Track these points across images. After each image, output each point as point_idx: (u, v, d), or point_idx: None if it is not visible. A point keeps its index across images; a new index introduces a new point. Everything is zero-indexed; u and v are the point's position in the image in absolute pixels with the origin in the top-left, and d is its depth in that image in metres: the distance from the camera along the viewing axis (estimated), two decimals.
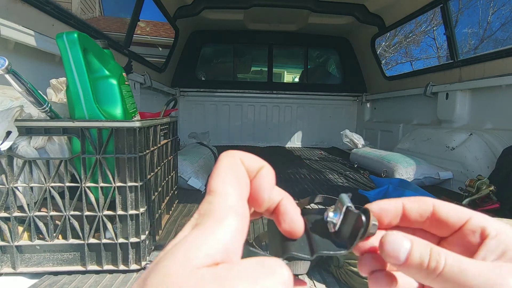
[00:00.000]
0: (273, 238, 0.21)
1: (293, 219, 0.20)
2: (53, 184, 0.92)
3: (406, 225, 0.22)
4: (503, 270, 0.16)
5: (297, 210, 0.20)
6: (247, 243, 0.17)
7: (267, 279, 0.14)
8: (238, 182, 0.17)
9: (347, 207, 0.20)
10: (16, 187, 0.91)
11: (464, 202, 1.61)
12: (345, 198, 0.20)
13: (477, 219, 0.19)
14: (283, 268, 0.15)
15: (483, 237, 0.19)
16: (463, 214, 0.20)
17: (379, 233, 0.20)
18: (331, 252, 0.19)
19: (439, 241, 0.21)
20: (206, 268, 0.13)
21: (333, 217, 0.20)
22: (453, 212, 0.20)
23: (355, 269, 0.91)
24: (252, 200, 0.18)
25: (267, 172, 0.18)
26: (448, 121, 2.50)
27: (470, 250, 0.19)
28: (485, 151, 1.98)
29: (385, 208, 0.21)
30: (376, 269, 0.21)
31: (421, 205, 0.21)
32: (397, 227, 0.22)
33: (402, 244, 0.18)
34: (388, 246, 0.18)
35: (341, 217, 0.20)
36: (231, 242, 0.15)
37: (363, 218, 0.19)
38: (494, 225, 0.19)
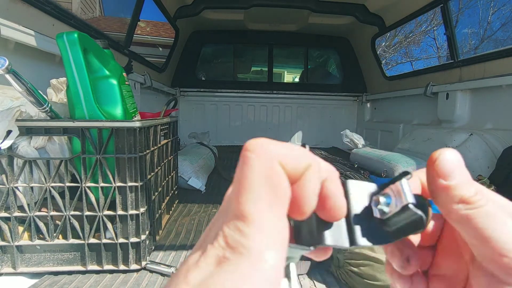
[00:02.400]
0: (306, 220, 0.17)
1: (336, 205, 0.16)
2: (53, 184, 0.92)
3: None
4: None
5: (341, 192, 0.16)
6: None
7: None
8: (278, 199, 0.13)
9: (408, 205, 0.17)
10: (16, 187, 0.91)
11: None
12: (406, 187, 0.16)
13: None
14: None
15: None
16: None
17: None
18: (370, 245, 0.17)
19: None
20: None
21: (385, 204, 0.17)
22: None
23: (355, 269, 0.91)
24: (292, 211, 0.14)
25: (312, 176, 0.14)
26: (448, 121, 2.50)
27: None
28: (485, 151, 1.98)
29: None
30: (419, 268, 0.19)
31: None
32: None
33: (458, 165, 0.16)
34: (445, 163, 0.16)
35: (397, 210, 0.17)
36: None
37: (424, 221, 0.16)
38: None
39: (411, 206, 0.16)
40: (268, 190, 0.13)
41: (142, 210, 0.99)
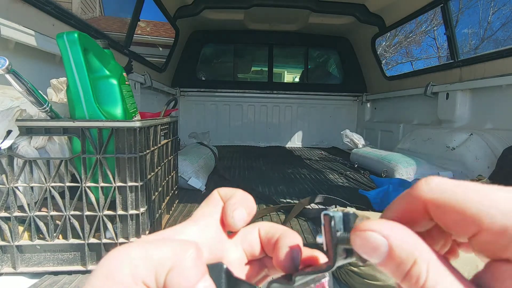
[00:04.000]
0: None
1: (278, 254, 0.18)
2: (53, 184, 0.92)
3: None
4: None
5: (289, 246, 0.19)
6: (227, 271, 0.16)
7: (160, 247, 0.15)
8: (207, 205, 0.20)
9: (324, 214, 0.16)
10: (16, 187, 0.91)
11: None
12: (328, 211, 0.16)
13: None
14: (188, 246, 0.15)
15: None
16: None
17: None
18: (308, 277, 0.17)
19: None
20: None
21: (319, 237, 0.17)
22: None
23: (355, 269, 0.91)
24: (223, 218, 0.20)
25: (237, 194, 0.20)
26: (448, 121, 2.50)
27: None
28: (485, 151, 1.98)
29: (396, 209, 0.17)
30: None
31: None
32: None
33: (377, 244, 0.14)
34: (359, 244, 0.15)
35: (323, 231, 0.16)
36: (171, 235, 0.17)
37: (329, 214, 0.16)
38: None
39: (326, 213, 0.16)
40: (205, 202, 0.21)
41: (142, 210, 0.99)
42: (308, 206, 1.58)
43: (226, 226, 0.20)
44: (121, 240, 0.97)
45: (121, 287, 0.14)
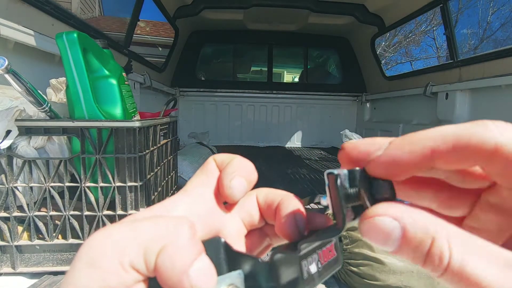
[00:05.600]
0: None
1: (281, 221, 0.17)
2: (52, 184, 0.92)
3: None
4: None
5: (292, 211, 0.17)
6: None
7: (148, 225, 0.13)
8: (202, 173, 0.18)
9: (328, 174, 0.15)
10: (15, 187, 0.91)
11: None
12: (332, 170, 0.15)
13: None
14: (180, 222, 0.14)
15: None
16: None
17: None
18: (315, 244, 0.16)
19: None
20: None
21: (323, 199, 0.16)
22: None
23: (355, 269, 0.91)
24: (220, 188, 0.18)
25: (234, 162, 0.18)
26: (448, 121, 2.50)
27: None
28: None
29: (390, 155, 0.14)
30: None
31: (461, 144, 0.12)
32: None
33: (389, 229, 0.12)
34: (370, 235, 0.13)
35: (328, 193, 0.15)
36: (162, 211, 0.16)
37: (334, 172, 0.14)
38: None
39: (331, 173, 0.15)
40: (199, 171, 0.19)
41: (141, 210, 0.98)
42: (308, 206, 1.58)
43: (223, 197, 0.18)
44: None
45: (108, 276, 0.12)
